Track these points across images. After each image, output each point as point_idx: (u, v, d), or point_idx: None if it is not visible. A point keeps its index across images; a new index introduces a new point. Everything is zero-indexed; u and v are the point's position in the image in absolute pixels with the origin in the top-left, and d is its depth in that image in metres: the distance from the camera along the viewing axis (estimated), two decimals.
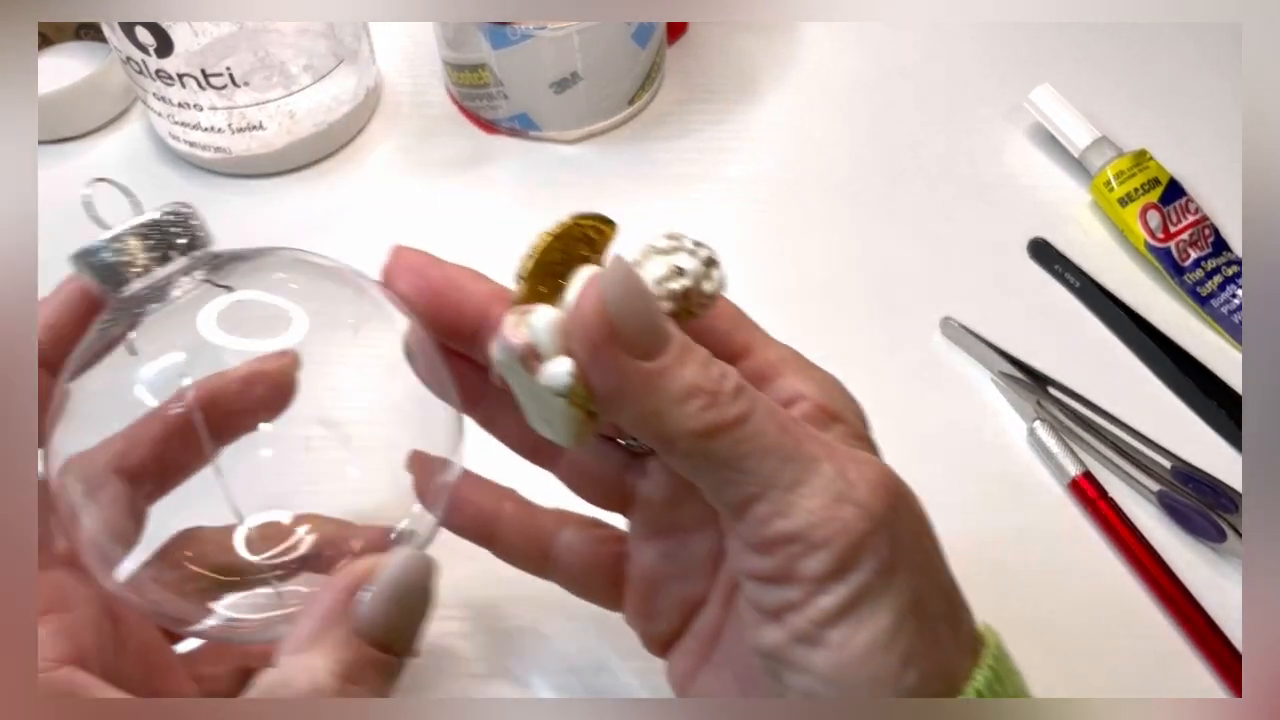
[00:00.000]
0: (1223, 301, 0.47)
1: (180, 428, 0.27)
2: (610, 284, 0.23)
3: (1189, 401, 0.44)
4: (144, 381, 0.27)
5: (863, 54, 0.58)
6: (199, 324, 0.27)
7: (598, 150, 0.54)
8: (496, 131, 0.54)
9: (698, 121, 0.55)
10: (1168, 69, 0.57)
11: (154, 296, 0.27)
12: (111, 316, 0.27)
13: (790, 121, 0.55)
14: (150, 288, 0.27)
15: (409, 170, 0.54)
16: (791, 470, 0.23)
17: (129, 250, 0.27)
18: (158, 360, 0.27)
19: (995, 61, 0.58)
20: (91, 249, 0.27)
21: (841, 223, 0.51)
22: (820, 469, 0.23)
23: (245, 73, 0.49)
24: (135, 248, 0.27)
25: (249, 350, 0.28)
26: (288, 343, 0.27)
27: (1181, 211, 0.49)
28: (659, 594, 0.30)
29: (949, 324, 0.46)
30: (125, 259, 0.27)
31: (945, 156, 0.53)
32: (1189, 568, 0.39)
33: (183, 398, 0.27)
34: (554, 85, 0.51)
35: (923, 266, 0.49)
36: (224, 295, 0.27)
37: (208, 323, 0.27)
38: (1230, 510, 0.39)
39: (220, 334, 0.27)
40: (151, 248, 0.27)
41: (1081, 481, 0.41)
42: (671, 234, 0.26)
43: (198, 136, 0.51)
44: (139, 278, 0.27)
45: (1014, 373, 0.44)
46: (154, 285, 0.27)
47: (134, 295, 0.27)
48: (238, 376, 0.27)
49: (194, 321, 0.27)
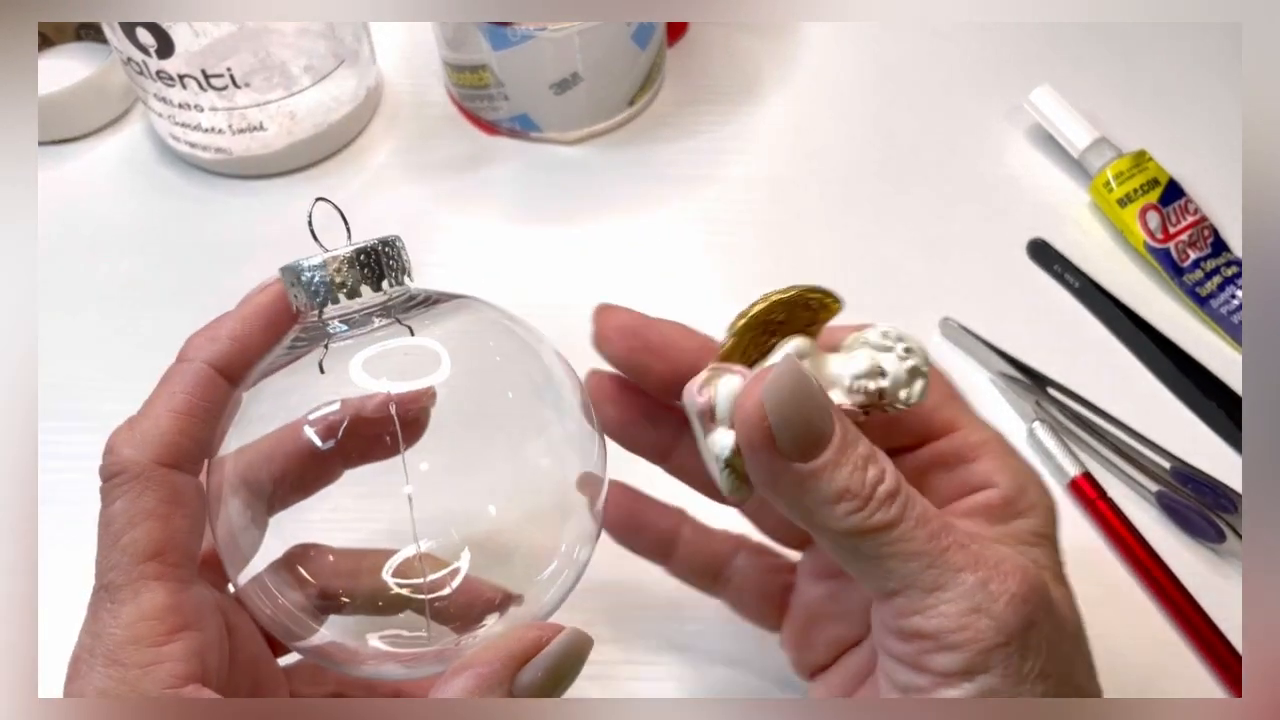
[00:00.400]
0: (1222, 302, 0.47)
1: (311, 447, 0.27)
2: (773, 386, 0.24)
3: (1188, 402, 0.44)
4: (316, 400, 0.27)
5: (863, 54, 0.58)
6: (353, 363, 0.27)
7: (598, 151, 0.54)
8: (497, 132, 0.54)
9: (698, 122, 0.55)
10: (1167, 70, 0.57)
11: (354, 323, 0.27)
12: (305, 335, 0.28)
13: (790, 122, 0.55)
14: (351, 314, 0.27)
15: (409, 171, 0.54)
16: (933, 576, 0.24)
17: (343, 274, 0.27)
18: (333, 384, 0.27)
19: (995, 62, 0.58)
20: (305, 266, 0.27)
21: (841, 223, 0.51)
22: (961, 579, 0.24)
23: (246, 73, 0.49)
24: (349, 273, 0.27)
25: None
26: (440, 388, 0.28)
27: (1181, 212, 0.49)
28: (817, 629, 0.32)
29: (948, 324, 0.46)
30: (338, 281, 0.27)
31: (945, 157, 0.53)
32: (1188, 568, 0.39)
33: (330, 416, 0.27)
34: (554, 86, 0.51)
35: (922, 267, 0.49)
36: (403, 336, 0.27)
37: (359, 364, 0.27)
38: (1229, 511, 0.39)
39: (378, 377, 0.27)
40: (364, 276, 0.27)
41: (1081, 482, 0.41)
42: (888, 332, 0.27)
43: (198, 137, 0.51)
44: (350, 299, 0.27)
45: (1013, 373, 0.44)
46: (355, 313, 0.27)
47: (331, 318, 0.27)
48: (378, 404, 0.28)
49: (382, 354, 0.27)
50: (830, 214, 0.51)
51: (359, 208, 0.52)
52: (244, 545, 0.27)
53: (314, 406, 0.27)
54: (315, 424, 0.27)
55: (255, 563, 0.27)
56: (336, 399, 0.27)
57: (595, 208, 0.52)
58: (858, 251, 0.50)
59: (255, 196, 0.52)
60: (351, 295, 0.27)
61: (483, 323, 0.30)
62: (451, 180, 0.53)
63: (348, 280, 0.27)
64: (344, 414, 0.27)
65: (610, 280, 0.49)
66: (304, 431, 0.27)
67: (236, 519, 0.27)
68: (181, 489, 0.26)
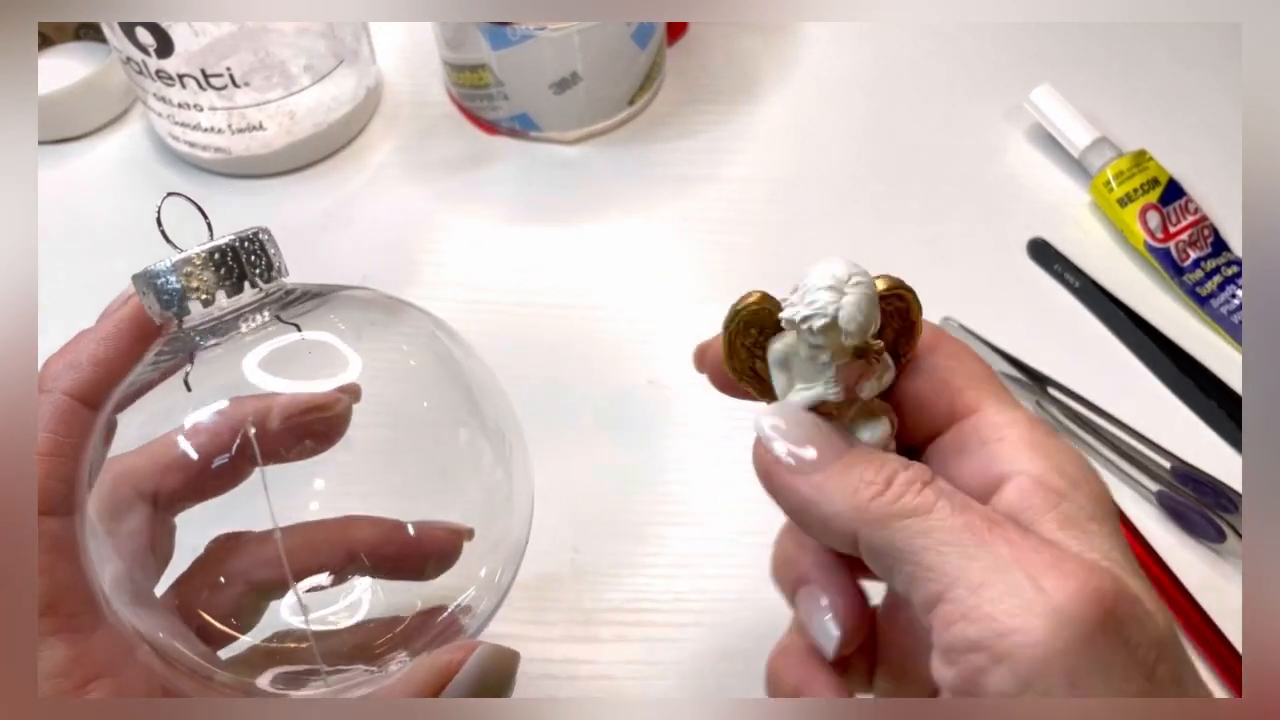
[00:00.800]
0: (1222, 301, 0.47)
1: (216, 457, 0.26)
2: (763, 417, 0.24)
3: (1188, 401, 0.44)
4: (195, 418, 0.25)
5: (863, 54, 0.58)
6: (244, 365, 0.25)
7: (598, 151, 0.54)
8: (496, 132, 0.54)
9: (698, 122, 0.55)
10: (1167, 69, 0.57)
11: (220, 330, 0.25)
12: (169, 348, 0.25)
13: (790, 122, 0.55)
14: (217, 320, 0.25)
15: (409, 171, 0.54)
16: (978, 570, 0.21)
17: (200, 278, 0.24)
18: (212, 402, 0.25)
19: (995, 61, 0.58)
20: (157, 271, 0.24)
21: (841, 222, 0.51)
22: (1010, 573, 0.21)
23: (245, 73, 0.49)
24: (208, 276, 0.24)
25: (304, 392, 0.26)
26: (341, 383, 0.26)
27: (1181, 212, 0.49)
28: (913, 670, 0.28)
29: (949, 324, 0.46)
30: (195, 286, 0.24)
31: (945, 157, 0.53)
32: (1188, 567, 0.39)
33: (226, 429, 0.25)
34: (554, 86, 0.51)
35: (922, 266, 0.49)
36: (285, 333, 0.25)
37: (252, 365, 0.25)
38: (1230, 510, 0.39)
39: (269, 378, 0.25)
40: (224, 277, 0.24)
41: None
42: (799, 286, 0.25)
43: (198, 137, 0.51)
44: (206, 307, 0.24)
45: (1014, 373, 0.44)
46: (222, 318, 0.25)
47: (197, 327, 0.25)
48: (287, 408, 0.26)
49: (251, 361, 0.25)
50: (830, 214, 0.51)
51: (358, 207, 0.52)
52: (147, 568, 0.25)
53: (198, 417, 0.25)
54: (198, 437, 0.25)
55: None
56: (218, 407, 0.25)
57: (595, 207, 0.52)
58: (857, 251, 0.49)
59: (255, 196, 0.52)
60: (208, 303, 0.24)
61: (410, 330, 0.28)
62: (451, 180, 0.53)
63: (202, 285, 0.24)
64: (225, 426, 0.25)
65: (610, 280, 0.49)
66: (181, 446, 0.25)
67: (133, 542, 0.25)
68: (60, 536, 0.25)
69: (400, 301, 0.28)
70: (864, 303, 0.24)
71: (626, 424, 0.44)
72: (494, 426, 0.28)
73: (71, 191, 0.53)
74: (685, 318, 0.47)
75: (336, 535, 0.27)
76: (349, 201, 0.52)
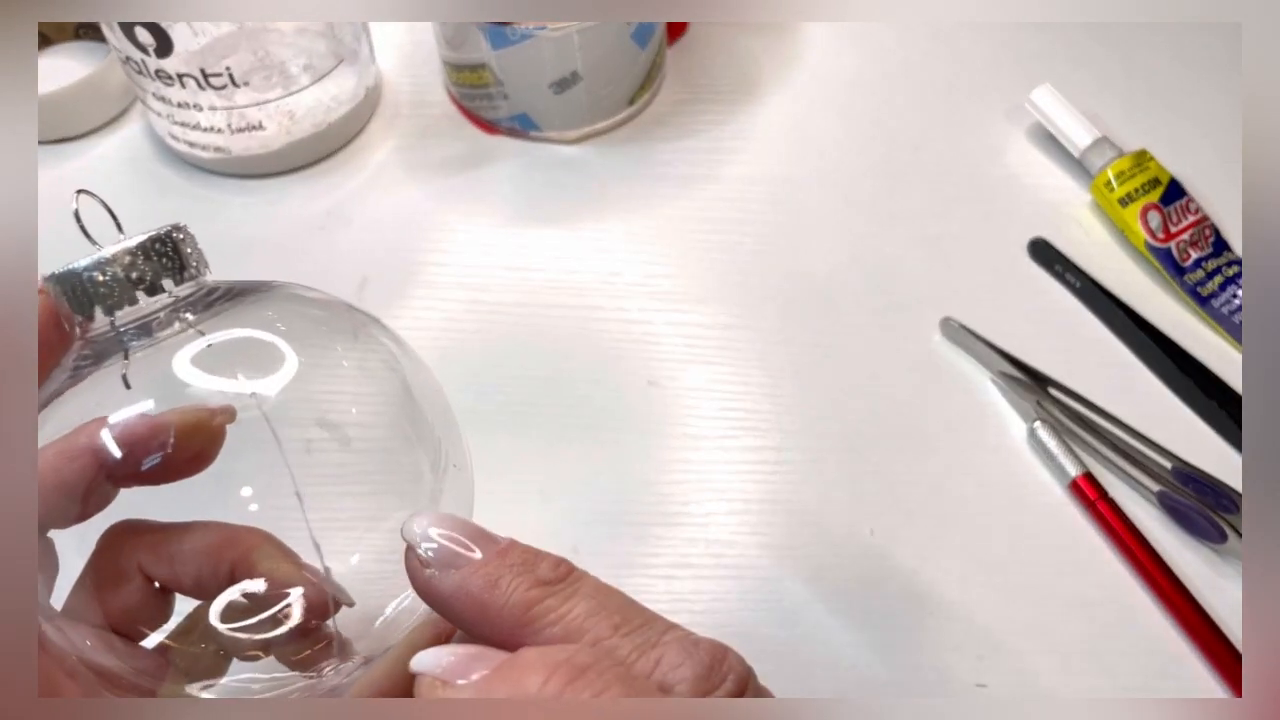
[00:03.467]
0: (1223, 302, 0.47)
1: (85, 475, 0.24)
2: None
3: (1189, 402, 0.44)
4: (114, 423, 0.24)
5: (863, 54, 0.58)
6: (174, 366, 0.24)
7: (598, 150, 0.54)
8: (496, 132, 0.54)
9: (698, 121, 0.55)
10: (1168, 69, 0.57)
11: (136, 334, 0.24)
12: (88, 352, 0.24)
13: (790, 121, 0.55)
14: (135, 323, 0.24)
15: (409, 170, 0.54)
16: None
17: (116, 279, 0.24)
18: (134, 406, 0.24)
19: (995, 61, 0.58)
20: (72, 272, 0.24)
21: (841, 223, 0.51)
22: None
23: (245, 73, 0.49)
24: (122, 278, 0.24)
25: (227, 393, 0.25)
26: (272, 388, 0.25)
27: (1182, 212, 0.49)
28: None
29: (949, 324, 0.46)
30: (112, 288, 0.24)
31: (945, 156, 0.53)
32: (1189, 568, 0.39)
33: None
34: (554, 85, 0.51)
35: (923, 266, 0.49)
36: (205, 339, 0.24)
37: (182, 366, 0.24)
38: (1230, 511, 0.39)
39: (195, 376, 0.24)
40: (139, 279, 0.24)
41: (1082, 482, 0.41)
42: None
43: (197, 136, 0.51)
44: (122, 309, 0.24)
45: (1014, 373, 0.44)
46: (139, 321, 0.24)
47: (112, 331, 0.24)
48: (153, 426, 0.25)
49: (172, 367, 0.24)
50: (830, 214, 0.51)
51: (358, 207, 0.52)
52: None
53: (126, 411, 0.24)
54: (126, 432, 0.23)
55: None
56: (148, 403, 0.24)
57: (595, 207, 0.52)
58: (858, 251, 0.50)
59: (254, 196, 0.52)
60: (152, 292, 0.24)
61: (306, 312, 0.27)
62: (451, 179, 0.53)
63: (145, 275, 0.24)
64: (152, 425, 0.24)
65: (610, 280, 0.49)
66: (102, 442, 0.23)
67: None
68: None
69: (332, 299, 0.27)
70: None
71: (626, 424, 0.44)
72: (430, 433, 0.26)
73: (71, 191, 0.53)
74: (685, 318, 0.47)
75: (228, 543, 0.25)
76: (348, 201, 0.52)
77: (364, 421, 0.26)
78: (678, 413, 0.44)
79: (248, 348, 0.25)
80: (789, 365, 0.46)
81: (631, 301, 0.48)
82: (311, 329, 0.26)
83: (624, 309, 0.47)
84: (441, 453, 0.26)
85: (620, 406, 0.44)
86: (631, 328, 0.47)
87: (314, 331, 0.26)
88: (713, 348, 0.46)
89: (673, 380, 0.45)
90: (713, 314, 0.47)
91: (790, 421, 0.44)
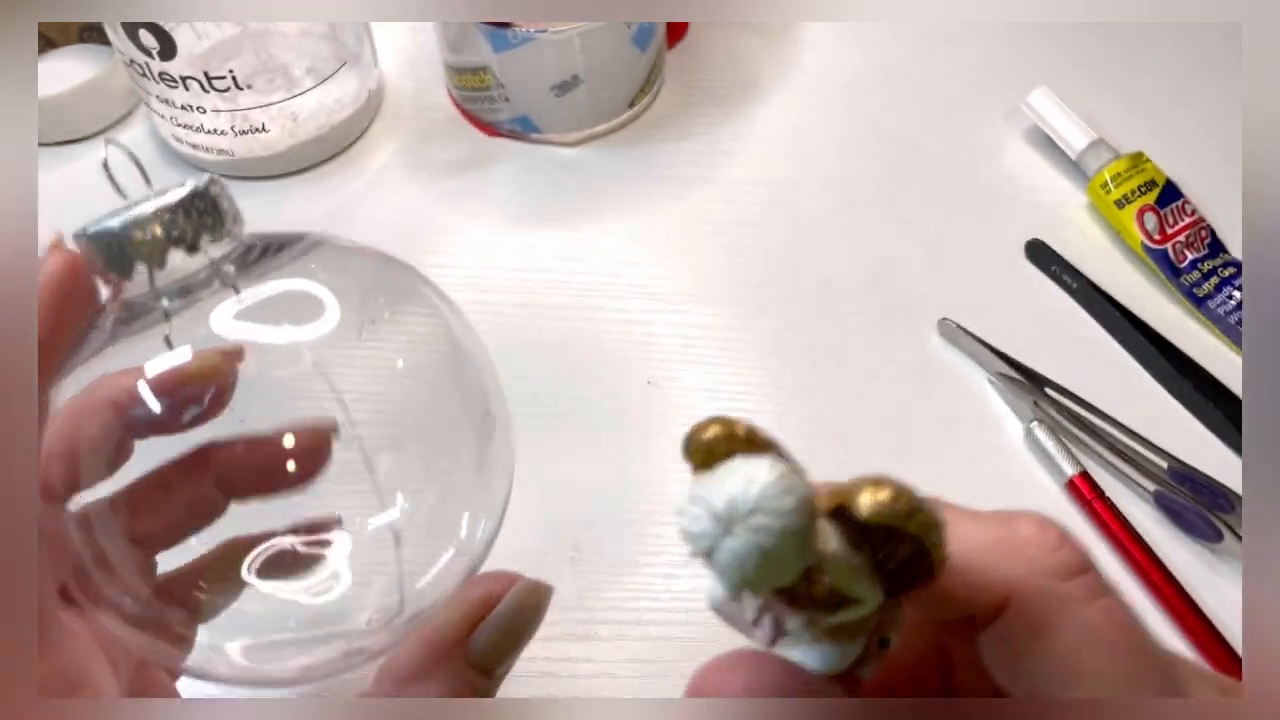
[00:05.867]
0: (1219, 303, 0.47)
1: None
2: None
3: (1185, 402, 0.44)
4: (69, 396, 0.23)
5: (863, 54, 0.59)
6: (213, 325, 0.23)
7: (598, 153, 0.54)
8: (497, 134, 0.55)
9: (698, 123, 0.55)
10: (1165, 71, 0.57)
11: (176, 293, 0.23)
12: (125, 314, 0.24)
13: (790, 123, 0.55)
14: (174, 284, 0.23)
15: (410, 173, 0.54)
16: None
17: (153, 237, 0.22)
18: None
19: (993, 64, 0.58)
20: (108, 230, 0.22)
21: (840, 224, 0.51)
22: None
23: (248, 75, 0.49)
24: (162, 237, 0.22)
25: (275, 342, 0.24)
26: (315, 335, 0.24)
27: (1178, 213, 0.49)
28: None
29: (946, 325, 0.46)
30: (149, 244, 0.22)
31: (943, 158, 0.54)
32: (1186, 567, 0.40)
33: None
34: (555, 88, 0.51)
35: (920, 268, 0.49)
36: (240, 296, 0.24)
37: (226, 324, 0.23)
38: (1227, 510, 0.39)
39: (246, 331, 0.23)
40: (179, 237, 0.22)
41: (1079, 482, 0.41)
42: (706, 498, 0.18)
43: (200, 139, 0.51)
44: (163, 269, 0.22)
45: (1011, 374, 0.44)
46: (179, 281, 0.23)
47: (150, 291, 0.23)
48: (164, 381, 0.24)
49: (212, 327, 0.23)
50: (829, 215, 0.51)
51: (360, 209, 0.52)
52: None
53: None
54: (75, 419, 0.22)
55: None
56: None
57: (595, 209, 0.52)
58: (857, 252, 0.50)
59: (257, 198, 0.53)
60: (193, 250, 0.22)
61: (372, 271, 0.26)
62: (452, 181, 0.53)
63: (186, 233, 0.22)
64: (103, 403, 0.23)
65: (610, 280, 0.49)
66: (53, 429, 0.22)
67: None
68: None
69: (368, 249, 0.26)
70: (752, 555, 0.17)
71: (626, 424, 0.44)
72: (478, 397, 0.26)
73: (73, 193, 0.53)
74: (685, 318, 0.47)
75: (194, 464, 0.25)
76: (351, 203, 0.53)
77: (412, 373, 0.26)
78: (678, 413, 0.44)
79: (292, 301, 0.24)
80: (788, 366, 0.46)
81: (632, 302, 0.48)
82: (353, 281, 0.25)
83: (624, 310, 0.48)
84: (491, 402, 0.26)
85: (620, 406, 0.45)
86: (632, 328, 0.47)
87: (355, 283, 0.25)
88: (713, 348, 0.46)
89: (672, 380, 0.45)
90: (712, 315, 0.48)
91: (790, 422, 0.44)
